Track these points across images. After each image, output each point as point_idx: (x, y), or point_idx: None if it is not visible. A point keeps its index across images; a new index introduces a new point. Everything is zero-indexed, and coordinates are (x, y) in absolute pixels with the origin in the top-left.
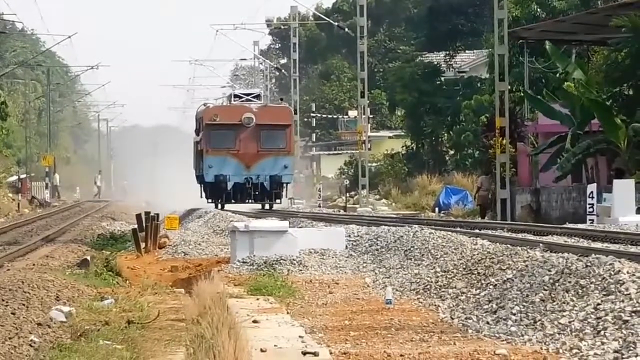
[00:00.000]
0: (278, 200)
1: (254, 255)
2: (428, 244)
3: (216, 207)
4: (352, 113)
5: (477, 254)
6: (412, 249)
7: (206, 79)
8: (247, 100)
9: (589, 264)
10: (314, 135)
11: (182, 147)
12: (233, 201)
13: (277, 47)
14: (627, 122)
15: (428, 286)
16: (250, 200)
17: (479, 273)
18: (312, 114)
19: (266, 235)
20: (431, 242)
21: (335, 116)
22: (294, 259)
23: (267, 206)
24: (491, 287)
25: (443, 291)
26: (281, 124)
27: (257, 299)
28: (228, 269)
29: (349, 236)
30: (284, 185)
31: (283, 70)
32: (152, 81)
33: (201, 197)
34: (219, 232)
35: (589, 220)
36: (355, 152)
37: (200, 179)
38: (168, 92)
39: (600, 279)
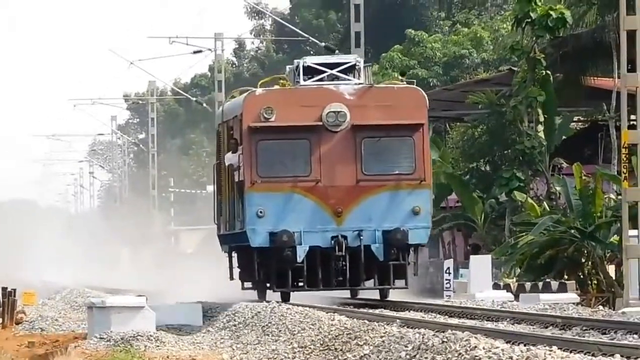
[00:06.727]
0: (401, 282)
1: (111, 331)
2: (285, 319)
3: (261, 298)
4: (211, 188)
5: (335, 330)
6: (269, 324)
7: (63, 154)
8: (332, 77)
9: (445, 339)
10: (172, 210)
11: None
12: (307, 286)
13: (135, 121)
14: (484, 198)
15: None
16: (337, 283)
17: (336, 349)
18: (170, 189)
19: (123, 311)
20: (289, 318)
21: (194, 191)
22: (151, 335)
23: (363, 292)
24: None
25: None
26: (405, 124)
27: None
28: (85, 344)
29: (207, 312)
30: (413, 249)
31: (141, 145)
32: (10, 155)
33: (231, 278)
34: (76, 307)
35: (446, 295)
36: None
37: (232, 240)
38: (26, 165)
39: (456, 355)
